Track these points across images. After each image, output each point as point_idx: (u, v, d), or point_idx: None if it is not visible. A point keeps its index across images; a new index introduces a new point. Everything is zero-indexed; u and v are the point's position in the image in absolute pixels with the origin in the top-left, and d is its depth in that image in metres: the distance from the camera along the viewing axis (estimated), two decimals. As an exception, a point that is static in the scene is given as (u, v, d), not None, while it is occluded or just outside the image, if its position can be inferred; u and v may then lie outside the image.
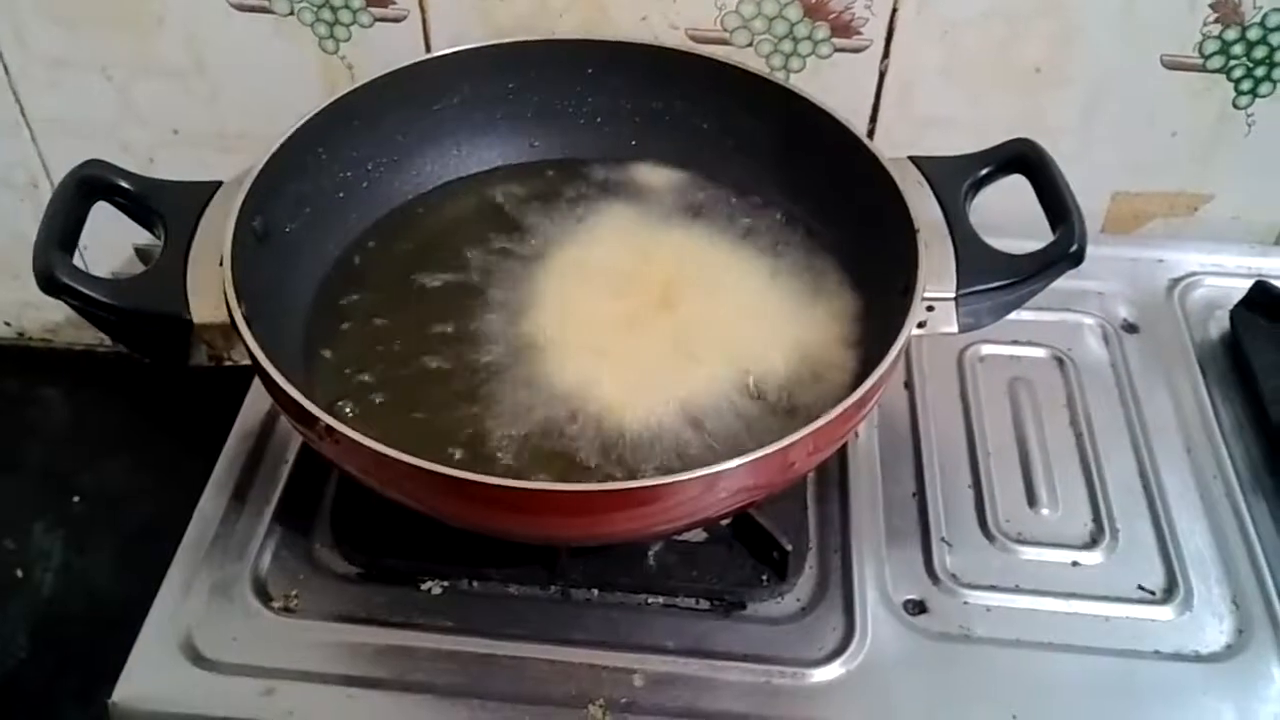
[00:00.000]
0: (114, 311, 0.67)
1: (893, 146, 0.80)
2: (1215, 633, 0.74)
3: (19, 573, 1.07)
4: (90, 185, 0.71)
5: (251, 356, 0.64)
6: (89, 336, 1.21)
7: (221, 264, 0.68)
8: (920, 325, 0.71)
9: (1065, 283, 0.73)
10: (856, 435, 0.84)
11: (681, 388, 0.74)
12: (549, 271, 0.82)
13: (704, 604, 0.74)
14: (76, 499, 1.12)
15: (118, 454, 1.15)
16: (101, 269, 1.06)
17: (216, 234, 0.70)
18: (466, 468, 0.60)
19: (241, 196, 0.72)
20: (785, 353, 0.76)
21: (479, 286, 0.81)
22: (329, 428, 0.61)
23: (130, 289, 0.68)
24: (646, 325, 0.78)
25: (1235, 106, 0.93)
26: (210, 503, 0.79)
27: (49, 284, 0.65)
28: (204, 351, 0.68)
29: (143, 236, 0.74)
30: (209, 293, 0.67)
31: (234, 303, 0.65)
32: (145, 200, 0.73)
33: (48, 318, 1.20)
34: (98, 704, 0.69)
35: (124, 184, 0.72)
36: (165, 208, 0.73)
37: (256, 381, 0.77)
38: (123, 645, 0.71)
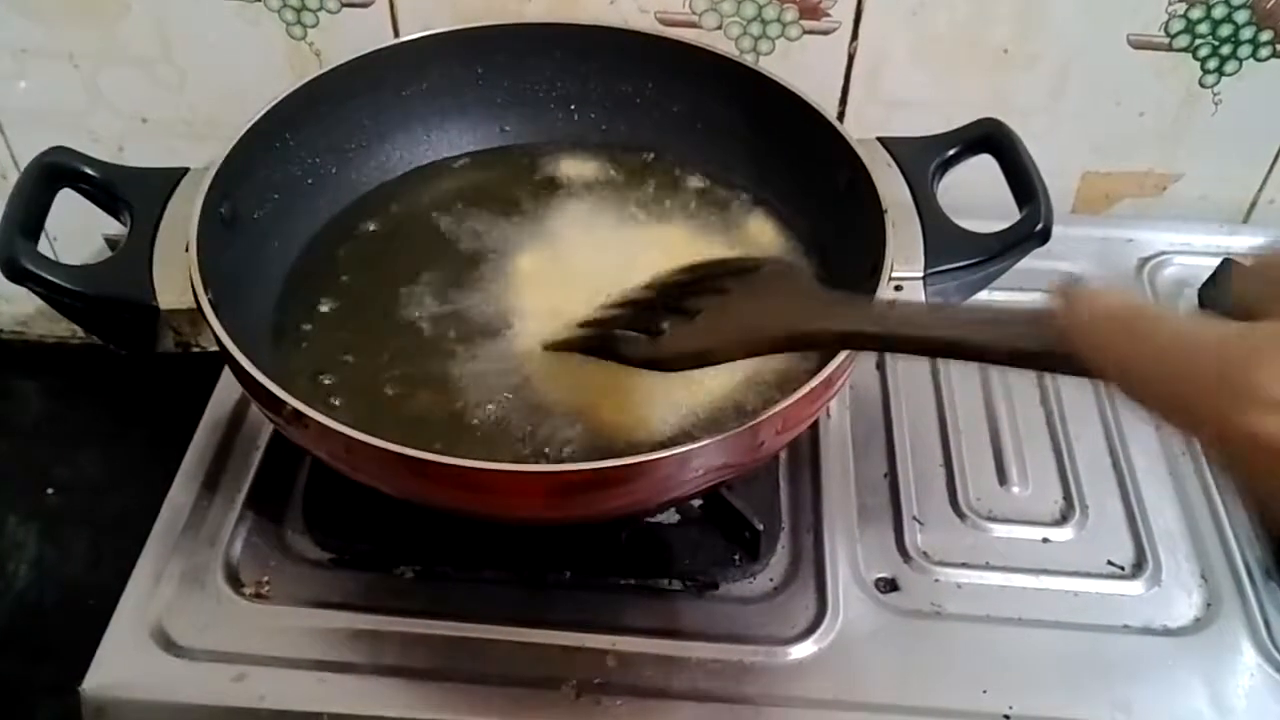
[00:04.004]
0: (79, 298, 0.67)
1: (862, 128, 0.80)
2: (1184, 607, 0.75)
3: (-8, 565, 1.07)
4: (55, 172, 0.71)
5: (218, 341, 0.64)
6: (61, 329, 1.20)
7: (188, 250, 0.67)
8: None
9: (1036, 263, 0.74)
10: (828, 415, 0.84)
11: (661, 382, 0.73)
12: (520, 257, 0.82)
13: (676, 584, 0.74)
14: (50, 491, 1.12)
15: (91, 446, 1.15)
16: (72, 259, 1.05)
17: (183, 220, 0.70)
18: (438, 450, 0.60)
19: (208, 182, 0.71)
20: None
21: (450, 273, 0.81)
22: (297, 412, 0.61)
23: (95, 275, 0.68)
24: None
25: (1202, 85, 0.93)
26: (181, 490, 0.79)
27: (12, 271, 0.65)
28: (171, 337, 0.68)
29: (112, 226, 0.74)
30: (175, 278, 0.67)
31: (200, 288, 0.65)
32: (111, 187, 0.73)
33: (19, 310, 1.19)
34: (73, 695, 0.68)
35: (89, 170, 0.72)
36: (131, 194, 0.72)
37: (227, 369, 0.77)
38: (98, 636, 0.71)
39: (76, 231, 0.99)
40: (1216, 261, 0.92)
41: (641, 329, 0.63)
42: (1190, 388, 0.34)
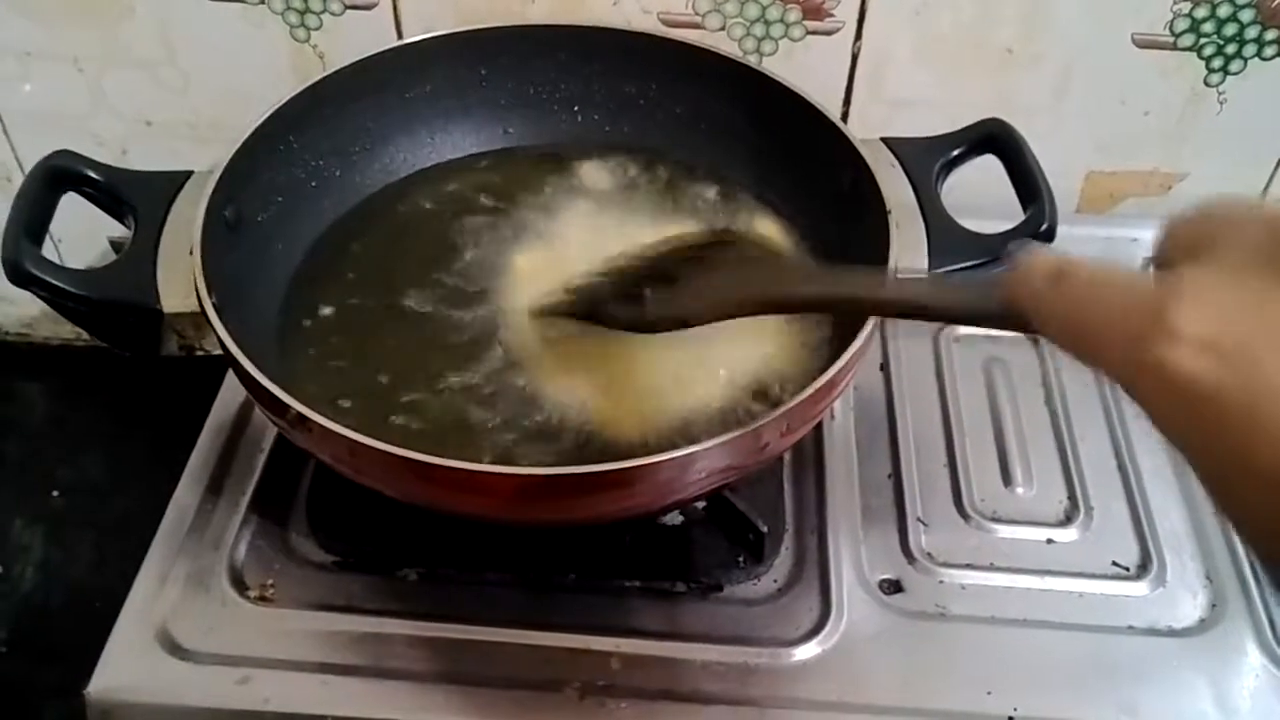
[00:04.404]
0: (83, 302, 0.67)
1: (866, 128, 0.80)
2: (1189, 607, 0.75)
3: (-1, 568, 1.07)
4: (59, 175, 0.71)
5: (222, 345, 0.64)
6: (66, 331, 1.20)
7: (192, 253, 0.67)
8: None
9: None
10: (833, 416, 0.84)
11: (666, 383, 0.73)
12: (524, 259, 0.82)
13: (681, 586, 0.74)
14: (56, 493, 1.12)
15: (96, 448, 1.15)
16: (77, 262, 1.05)
17: (187, 223, 0.69)
18: (443, 453, 0.60)
19: (211, 185, 0.71)
20: (758, 337, 0.76)
21: (454, 274, 0.81)
22: (300, 416, 0.61)
23: (99, 279, 0.68)
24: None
25: (1207, 84, 0.93)
26: (186, 493, 0.79)
27: (16, 274, 0.65)
28: (175, 341, 0.69)
29: (117, 229, 0.74)
30: (179, 282, 0.67)
31: (204, 292, 0.65)
32: (115, 190, 0.73)
33: (24, 312, 1.19)
34: (79, 698, 0.68)
35: (93, 174, 0.72)
36: (135, 197, 0.72)
37: (232, 372, 0.77)
38: (104, 639, 0.71)
39: (81, 235, 0.99)
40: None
41: (624, 295, 0.65)
42: (1107, 329, 0.37)
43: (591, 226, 0.84)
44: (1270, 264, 0.34)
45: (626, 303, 0.65)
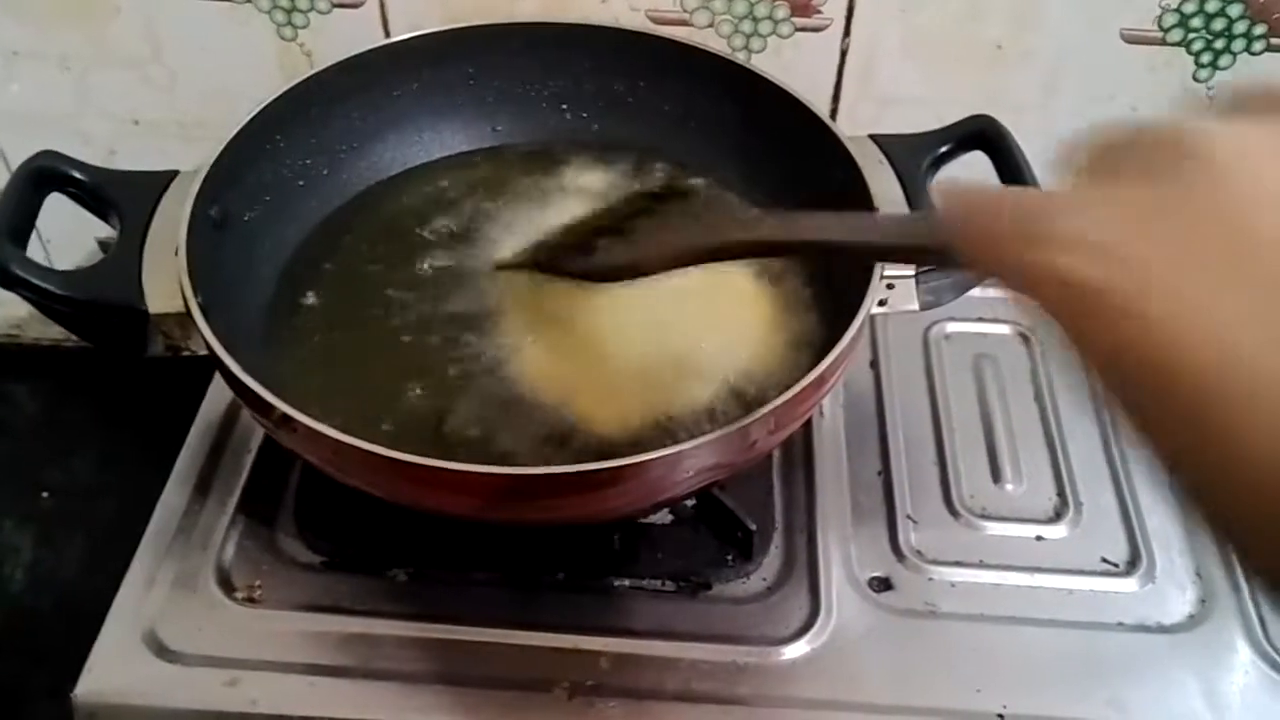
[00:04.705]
0: (68, 303, 0.67)
1: (856, 125, 0.79)
2: (1178, 603, 0.75)
3: (-13, 569, 1.07)
4: (43, 176, 0.71)
5: (208, 346, 0.64)
6: (55, 332, 1.19)
7: (177, 253, 0.67)
8: (881, 303, 0.72)
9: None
10: (822, 414, 0.84)
11: (650, 383, 0.73)
12: (513, 260, 0.81)
13: (670, 585, 0.74)
14: (45, 494, 1.11)
15: (86, 449, 1.15)
16: (65, 263, 1.05)
17: (172, 223, 0.69)
18: (430, 453, 0.59)
19: (197, 185, 0.71)
20: (744, 335, 0.76)
21: (443, 274, 0.80)
22: (285, 416, 0.61)
23: (84, 279, 0.68)
24: (612, 315, 0.76)
25: (1195, 80, 0.93)
26: (173, 494, 0.79)
27: (1, 276, 0.65)
28: (161, 341, 0.68)
29: (105, 229, 0.73)
30: (165, 282, 0.67)
31: (189, 292, 0.65)
32: (100, 191, 0.72)
33: (12, 313, 1.19)
34: (68, 699, 0.68)
35: (78, 174, 0.72)
36: (120, 198, 0.72)
37: (218, 372, 0.77)
38: (93, 640, 0.71)
39: (69, 235, 0.99)
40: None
41: (580, 247, 0.68)
42: (1006, 239, 0.39)
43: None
44: (1158, 174, 0.36)
45: (581, 254, 0.68)
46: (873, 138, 0.78)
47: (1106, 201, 0.37)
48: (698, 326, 0.75)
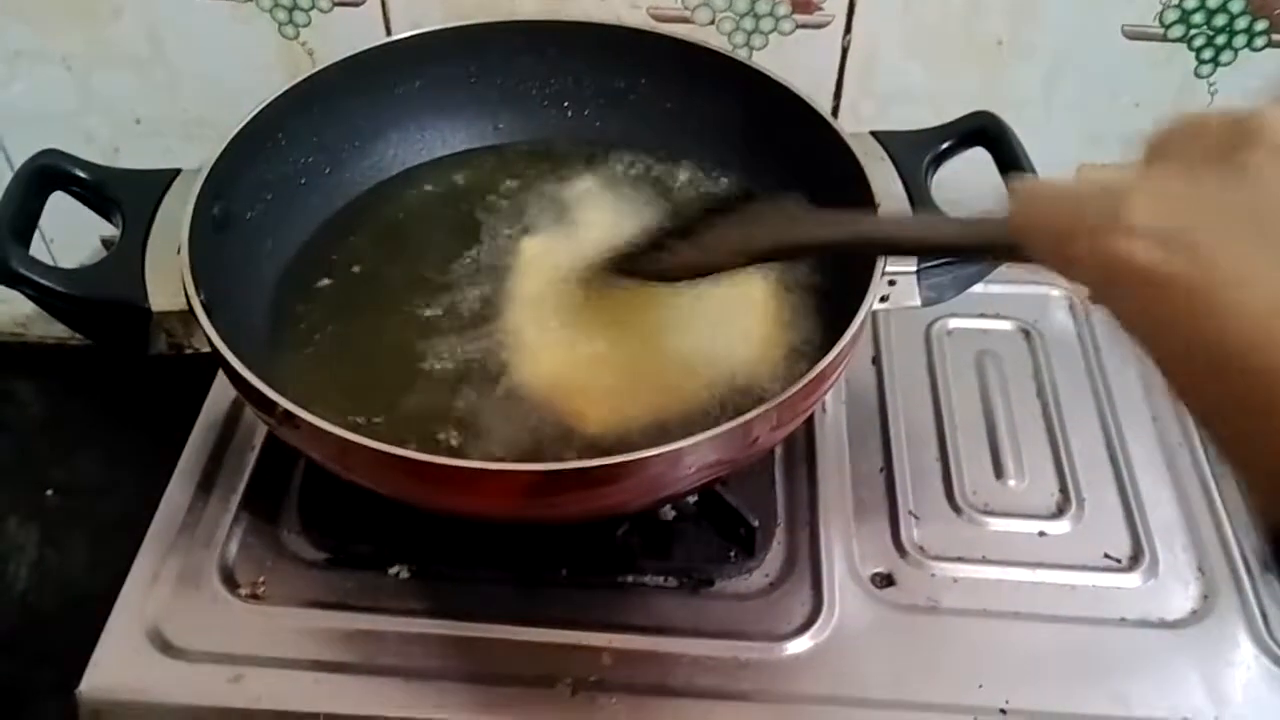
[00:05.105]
0: (71, 301, 0.67)
1: (857, 121, 0.80)
2: (1181, 599, 0.75)
3: (-8, 567, 1.07)
4: (46, 175, 0.71)
5: (210, 343, 0.64)
6: (60, 330, 1.20)
7: (180, 251, 0.67)
8: (883, 300, 0.72)
9: (1030, 256, 0.73)
10: (824, 410, 0.84)
11: (654, 382, 0.73)
12: (515, 258, 0.82)
13: (672, 581, 0.74)
14: (50, 492, 1.12)
15: (91, 447, 1.15)
16: (69, 261, 1.05)
17: (175, 222, 0.69)
18: (433, 451, 0.59)
19: (199, 183, 0.71)
20: (746, 331, 0.76)
21: (445, 272, 0.80)
22: (288, 413, 0.61)
23: (87, 278, 0.68)
24: (614, 314, 0.76)
25: (1197, 76, 0.93)
26: (177, 491, 0.79)
27: (4, 275, 0.65)
28: (164, 339, 0.68)
29: (109, 228, 0.74)
30: (167, 280, 0.67)
31: (192, 290, 0.65)
32: (102, 189, 0.73)
33: (17, 311, 1.19)
34: (72, 697, 0.68)
35: (80, 173, 0.72)
36: (123, 196, 0.72)
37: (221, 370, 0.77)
38: (97, 637, 0.71)
39: (73, 233, 0.99)
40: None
41: (651, 250, 0.70)
42: (1072, 230, 0.40)
43: (583, 221, 0.84)
44: (1221, 160, 0.36)
45: (653, 256, 0.69)
46: (874, 134, 0.78)
47: (1173, 189, 0.37)
48: (700, 322, 0.75)
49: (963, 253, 0.56)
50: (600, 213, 0.85)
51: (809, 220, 0.64)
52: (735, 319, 0.76)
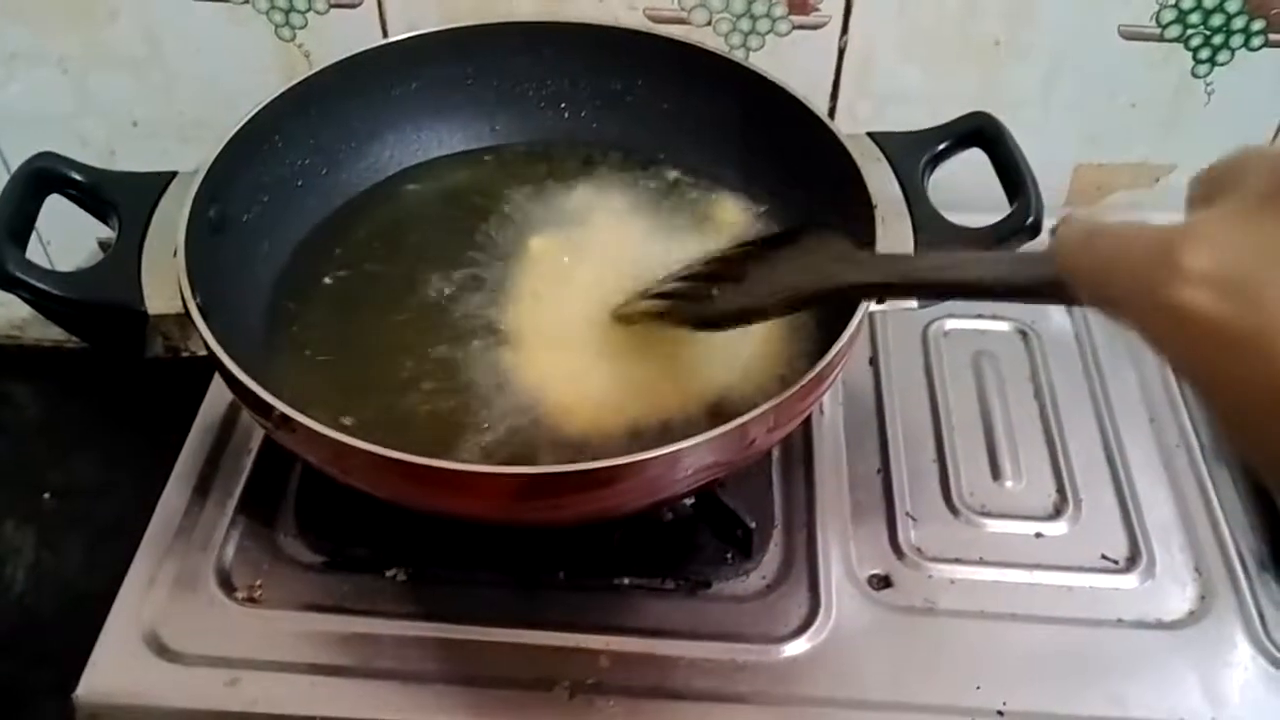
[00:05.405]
0: (67, 304, 0.67)
1: (853, 122, 0.80)
2: (1178, 600, 0.74)
3: (-11, 570, 1.07)
4: (41, 178, 0.71)
5: (206, 346, 0.64)
6: (57, 333, 1.18)
7: (176, 254, 0.67)
8: (880, 301, 0.71)
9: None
10: (821, 411, 0.84)
11: (652, 387, 0.73)
12: (511, 260, 0.82)
13: (670, 584, 0.74)
14: (47, 495, 1.12)
15: (88, 449, 1.15)
16: (65, 264, 1.06)
17: (171, 224, 0.69)
18: (429, 454, 0.59)
19: (196, 186, 0.71)
20: (744, 332, 0.76)
21: (441, 273, 0.80)
22: (284, 417, 0.60)
23: (83, 281, 0.68)
24: (606, 318, 0.76)
25: (1194, 76, 0.93)
26: (173, 494, 0.79)
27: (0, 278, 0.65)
28: (160, 342, 0.68)
29: (107, 231, 0.73)
30: (164, 283, 0.67)
31: (188, 293, 0.65)
32: (99, 191, 0.72)
33: (14, 314, 1.19)
34: (69, 700, 0.68)
35: (76, 176, 0.72)
36: (119, 198, 0.72)
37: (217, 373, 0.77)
38: (94, 640, 0.71)
39: (70, 236, 0.99)
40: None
41: (695, 296, 0.69)
42: (1128, 277, 0.38)
43: (578, 223, 0.84)
44: (1277, 197, 0.36)
45: (696, 302, 0.68)
46: (870, 135, 0.78)
47: (1230, 232, 0.36)
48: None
49: (1013, 295, 0.54)
50: (598, 214, 0.85)
51: (859, 262, 0.63)
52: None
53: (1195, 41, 0.91)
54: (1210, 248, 0.36)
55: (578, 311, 0.76)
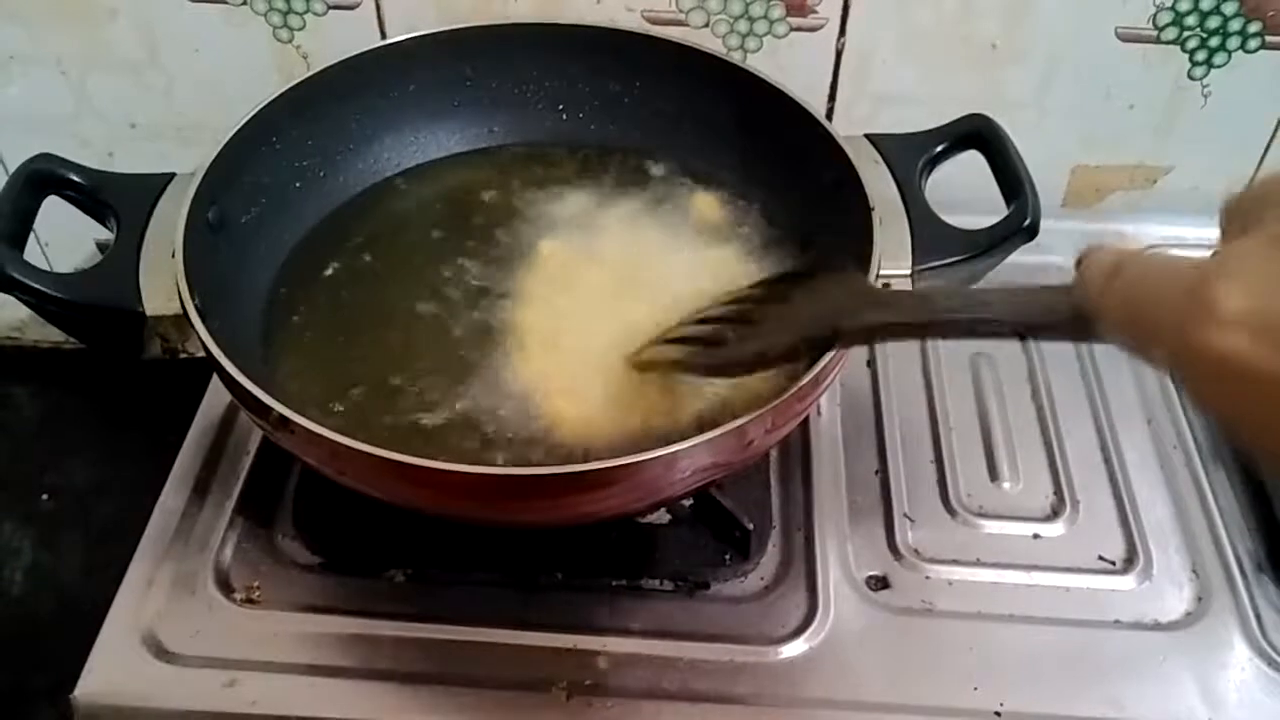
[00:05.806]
0: (65, 305, 0.67)
1: (851, 124, 0.80)
2: (1175, 601, 0.75)
3: (-12, 572, 1.07)
4: (40, 179, 0.71)
5: (204, 348, 0.64)
6: (55, 334, 1.18)
7: (174, 256, 0.67)
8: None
9: (1027, 257, 0.74)
10: (819, 413, 0.84)
11: (651, 388, 0.72)
12: (507, 261, 0.82)
13: (668, 585, 0.74)
14: (45, 497, 1.12)
15: (86, 451, 1.15)
16: (64, 265, 1.06)
17: (169, 226, 0.69)
18: (428, 455, 0.59)
19: (194, 187, 0.71)
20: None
21: (439, 274, 0.80)
22: (283, 418, 0.61)
23: (81, 282, 0.68)
24: (607, 319, 0.76)
25: (1191, 78, 0.93)
26: (172, 496, 0.79)
27: (-2, 279, 0.65)
28: (158, 344, 0.68)
29: (105, 232, 0.74)
30: (162, 285, 0.67)
31: (186, 294, 0.65)
32: (97, 193, 0.73)
33: (13, 315, 1.19)
34: (68, 701, 0.68)
35: (75, 177, 0.72)
36: (117, 200, 0.72)
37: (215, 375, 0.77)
38: (93, 642, 0.71)
39: (68, 237, 0.99)
40: (1208, 254, 0.92)
41: (711, 341, 0.66)
42: (1156, 315, 0.37)
43: (577, 225, 0.84)
44: None
45: (712, 348, 0.66)
46: (868, 137, 0.78)
47: (1261, 268, 0.35)
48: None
49: (1039, 334, 0.53)
50: (596, 216, 0.85)
51: (879, 301, 0.62)
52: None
53: (1192, 43, 0.91)
54: (1243, 285, 0.35)
55: (577, 313, 0.76)
